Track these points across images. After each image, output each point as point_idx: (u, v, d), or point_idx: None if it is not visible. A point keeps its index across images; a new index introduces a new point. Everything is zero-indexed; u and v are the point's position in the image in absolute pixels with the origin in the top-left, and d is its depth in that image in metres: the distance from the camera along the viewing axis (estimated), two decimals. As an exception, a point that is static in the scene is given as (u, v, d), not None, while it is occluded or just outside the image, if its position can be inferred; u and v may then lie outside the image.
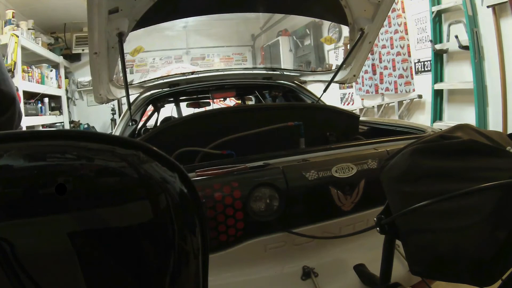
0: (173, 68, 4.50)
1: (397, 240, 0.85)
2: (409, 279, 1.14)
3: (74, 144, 0.39)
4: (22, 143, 0.38)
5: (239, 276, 1.06)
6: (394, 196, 0.76)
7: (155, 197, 0.42)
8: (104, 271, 0.40)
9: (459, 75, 3.72)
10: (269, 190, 1.09)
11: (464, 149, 0.71)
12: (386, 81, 4.74)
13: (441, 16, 3.81)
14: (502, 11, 3.10)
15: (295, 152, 1.27)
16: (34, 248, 0.35)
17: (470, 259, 0.64)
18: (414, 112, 4.48)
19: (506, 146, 0.76)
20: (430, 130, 1.60)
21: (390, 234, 0.81)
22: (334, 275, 1.13)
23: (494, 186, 0.62)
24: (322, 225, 1.16)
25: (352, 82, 2.31)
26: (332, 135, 1.78)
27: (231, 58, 8.51)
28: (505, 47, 3.16)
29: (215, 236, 1.03)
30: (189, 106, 2.81)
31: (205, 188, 1.02)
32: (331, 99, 4.78)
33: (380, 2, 1.78)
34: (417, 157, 0.72)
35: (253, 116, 1.44)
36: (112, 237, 0.39)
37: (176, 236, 0.44)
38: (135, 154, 0.41)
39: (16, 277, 0.35)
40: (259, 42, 8.50)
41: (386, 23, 4.33)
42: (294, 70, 2.94)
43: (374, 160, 1.25)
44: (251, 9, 2.24)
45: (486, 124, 3.40)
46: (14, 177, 0.36)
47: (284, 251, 1.13)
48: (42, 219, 0.36)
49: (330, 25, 5.84)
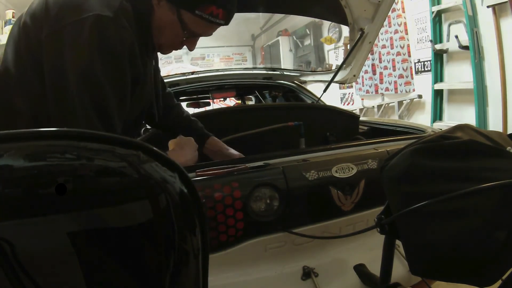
0: (173, 68, 4.50)
1: (397, 240, 0.85)
2: (409, 279, 1.14)
3: (74, 144, 0.39)
4: (22, 143, 0.38)
5: (239, 276, 1.06)
6: (394, 196, 0.76)
7: (155, 197, 0.42)
8: (104, 271, 0.40)
9: (459, 75, 3.73)
10: (269, 190, 1.09)
11: (464, 149, 0.71)
12: (386, 81, 4.74)
13: (441, 16, 3.81)
14: (502, 11, 3.11)
15: (295, 152, 1.27)
16: (34, 248, 0.35)
17: (470, 259, 0.65)
18: (414, 112, 4.49)
19: (506, 146, 0.76)
20: (430, 130, 1.60)
21: (390, 234, 0.81)
22: (334, 275, 1.13)
23: (494, 187, 0.62)
24: (322, 225, 1.17)
25: (352, 82, 2.31)
26: (332, 135, 1.78)
27: (231, 58, 8.53)
28: (505, 47, 3.16)
29: (215, 236, 1.03)
30: (189, 106, 2.81)
31: (205, 188, 1.02)
32: (331, 99, 4.78)
33: (380, 2, 1.78)
34: (417, 157, 0.72)
35: (253, 116, 1.44)
36: (112, 237, 0.39)
37: (176, 236, 0.44)
38: (135, 154, 0.41)
39: (16, 277, 0.35)
40: (259, 42, 8.51)
41: (386, 23, 4.33)
42: (294, 70, 2.94)
43: (374, 160, 1.25)
44: (251, 9, 2.24)
45: (486, 124, 3.40)
46: (14, 177, 0.36)
47: (284, 251, 1.13)
48: (42, 219, 0.36)
49: (330, 25, 5.85)
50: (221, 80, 2.50)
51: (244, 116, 1.67)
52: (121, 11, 0.90)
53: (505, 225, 0.62)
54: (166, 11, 0.97)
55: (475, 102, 3.40)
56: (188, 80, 2.41)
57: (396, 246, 0.89)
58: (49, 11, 0.87)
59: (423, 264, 0.72)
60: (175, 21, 0.98)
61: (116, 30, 0.88)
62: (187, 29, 0.99)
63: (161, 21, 0.99)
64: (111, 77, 0.89)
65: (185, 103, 2.84)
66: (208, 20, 0.96)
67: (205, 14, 0.95)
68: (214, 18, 0.96)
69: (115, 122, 0.93)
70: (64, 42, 0.84)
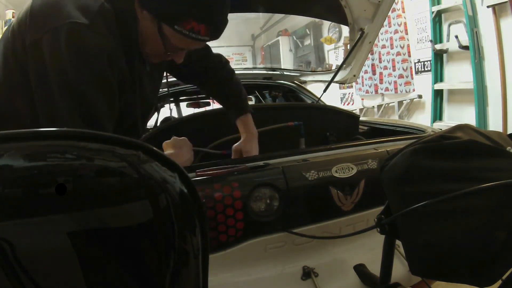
0: (173, 68, 4.49)
1: (397, 240, 0.85)
2: (409, 279, 1.14)
3: (74, 144, 0.39)
4: (22, 143, 0.38)
5: (239, 276, 1.06)
6: (394, 196, 0.76)
7: (155, 197, 0.42)
8: (104, 271, 0.40)
9: (459, 75, 3.73)
10: (269, 190, 1.09)
11: (465, 149, 0.71)
12: (386, 81, 4.74)
13: (441, 16, 3.82)
14: (502, 11, 3.11)
15: (295, 152, 1.27)
16: (34, 248, 0.35)
17: (470, 259, 0.65)
18: (414, 112, 4.49)
19: (506, 146, 0.76)
20: (430, 130, 1.60)
21: (390, 234, 0.81)
22: (334, 275, 1.13)
23: (494, 187, 0.62)
24: (322, 225, 1.16)
25: (352, 82, 2.31)
26: (332, 135, 1.78)
27: (231, 58, 8.52)
28: (505, 47, 3.16)
29: (215, 236, 1.03)
30: (189, 106, 2.81)
31: (205, 188, 1.02)
32: (331, 99, 4.78)
33: (380, 2, 1.78)
34: (417, 157, 0.72)
35: (253, 116, 1.44)
36: (112, 237, 0.39)
37: (176, 236, 0.44)
38: (135, 154, 0.41)
39: (16, 277, 0.35)
40: (259, 42, 8.51)
41: (386, 23, 4.33)
42: (294, 70, 2.94)
43: (374, 160, 1.25)
44: (251, 9, 2.24)
45: (486, 124, 3.40)
46: (14, 177, 0.36)
47: (284, 251, 1.13)
48: (42, 219, 0.36)
49: (330, 25, 5.85)
50: None
51: None
52: (99, 17, 0.88)
53: (505, 225, 0.62)
54: (148, 21, 0.94)
55: (475, 102, 3.40)
56: (188, 80, 2.41)
57: (396, 246, 0.89)
58: (32, 18, 0.87)
59: (423, 264, 0.72)
60: (156, 34, 0.94)
61: (92, 37, 0.86)
62: (168, 43, 0.95)
63: (144, 30, 0.96)
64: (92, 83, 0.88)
65: (185, 103, 2.84)
66: (188, 36, 0.91)
67: (185, 30, 0.89)
68: (195, 34, 0.90)
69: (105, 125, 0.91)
70: (44, 50, 0.84)
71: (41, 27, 0.86)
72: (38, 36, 0.85)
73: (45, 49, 0.84)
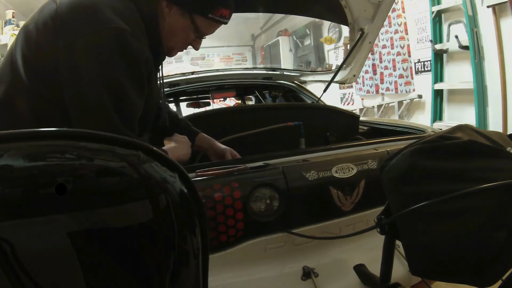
0: (173, 68, 4.51)
1: (397, 240, 0.85)
2: (409, 279, 1.14)
3: (74, 144, 0.39)
4: (22, 143, 0.38)
5: (239, 276, 1.06)
6: (394, 196, 0.76)
7: (155, 197, 0.42)
8: (104, 271, 0.40)
9: (459, 75, 3.72)
10: (269, 190, 1.09)
11: (465, 149, 0.71)
12: (387, 81, 4.74)
13: (441, 16, 3.81)
14: (502, 11, 3.10)
15: (295, 152, 1.27)
16: (34, 248, 0.35)
17: (470, 260, 0.65)
18: (414, 112, 4.49)
19: (506, 146, 0.76)
20: (430, 130, 1.60)
21: (390, 234, 0.81)
22: (334, 275, 1.13)
23: (494, 187, 0.62)
24: (322, 225, 1.16)
25: (352, 82, 2.31)
26: (332, 135, 1.78)
27: (231, 58, 8.51)
28: (505, 47, 3.16)
29: (215, 236, 1.03)
30: (189, 106, 2.81)
31: (205, 188, 1.02)
32: (331, 99, 4.78)
33: (380, 2, 1.78)
34: (417, 157, 0.73)
35: (253, 116, 1.44)
36: (112, 237, 0.39)
37: (176, 236, 0.44)
38: (135, 154, 0.41)
39: (16, 277, 0.35)
40: (259, 42, 8.50)
41: (386, 23, 4.33)
42: (294, 70, 2.94)
43: (374, 160, 1.24)
44: (251, 9, 2.24)
45: (486, 124, 3.40)
46: (14, 177, 0.36)
47: (284, 251, 1.13)
48: (42, 219, 0.36)
49: (330, 25, 5.84)
50: (221, 80, 2.50)
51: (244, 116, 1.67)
52: (136, 24, 0.95)
53: (505, 225, 0.62)
54: (178, 17, 1.04)
55: (475, 102, 3.39)
56: (188, 80, 2.41)
57: (396, 246, 0.89)
58: (63, 21, 0.89)
59: (423, 264, 0.72)
60: (187, 26, 1.05)
61: (135, 44, 0.92)
62: (199, 31, 1.08)
63: (173, 26, 1.05)
64: (132, 85, 0.93)
65: (185, 103, 2.84)
66: (218, 21, 1.07)
67: (216, 16, 1.04)
68: (223, 18, 1.06)
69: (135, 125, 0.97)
70: (84, 53, 0.86)
71: (79, 29, 0.87)
72: (75, 38, 0.87)
73: (86, 50, 0.86)
